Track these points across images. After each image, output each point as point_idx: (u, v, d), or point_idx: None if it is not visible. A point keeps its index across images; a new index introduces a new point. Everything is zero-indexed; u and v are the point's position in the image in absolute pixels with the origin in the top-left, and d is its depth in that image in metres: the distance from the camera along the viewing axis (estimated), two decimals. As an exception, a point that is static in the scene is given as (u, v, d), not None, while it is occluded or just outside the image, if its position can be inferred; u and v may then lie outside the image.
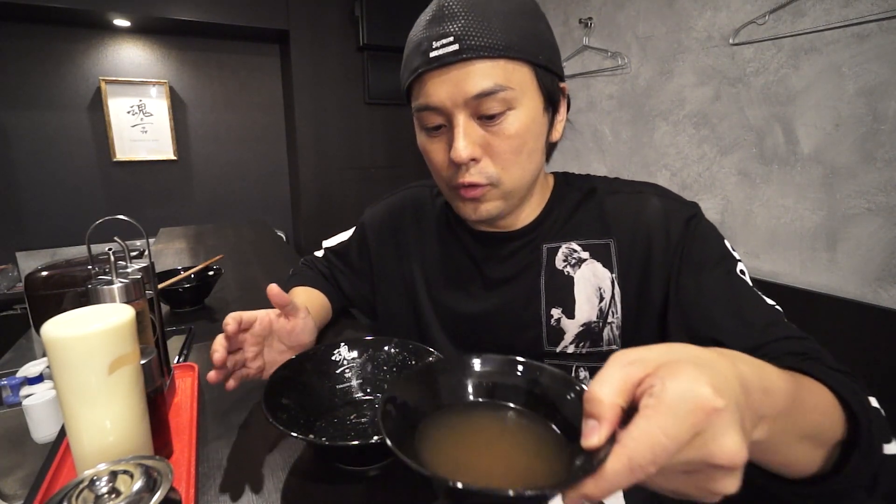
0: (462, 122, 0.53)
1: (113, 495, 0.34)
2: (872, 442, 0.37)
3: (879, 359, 1.16)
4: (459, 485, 0.24)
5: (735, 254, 0.57)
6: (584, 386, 0.33)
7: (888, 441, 0.40)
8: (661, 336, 0.58)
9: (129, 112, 2.70)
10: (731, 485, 0.26)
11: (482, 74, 0.51)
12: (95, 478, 0.35)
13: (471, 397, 0.38)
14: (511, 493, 0.24)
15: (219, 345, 0.57)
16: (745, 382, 0.28)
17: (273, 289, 0.61)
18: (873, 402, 0.42)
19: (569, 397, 0.34)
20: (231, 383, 0.59)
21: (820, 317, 1.28)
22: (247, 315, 0.60)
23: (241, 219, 2.99)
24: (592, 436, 0.26)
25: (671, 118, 1.72)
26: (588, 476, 0.25)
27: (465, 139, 0.53)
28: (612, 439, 0.26)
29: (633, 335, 0.60)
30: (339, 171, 2.96)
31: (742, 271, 0.55)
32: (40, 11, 2.29)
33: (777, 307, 0.53)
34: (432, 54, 0.52)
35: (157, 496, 0.34)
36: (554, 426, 0.34)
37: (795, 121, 1.36)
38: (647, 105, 1.81)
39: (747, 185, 1.50)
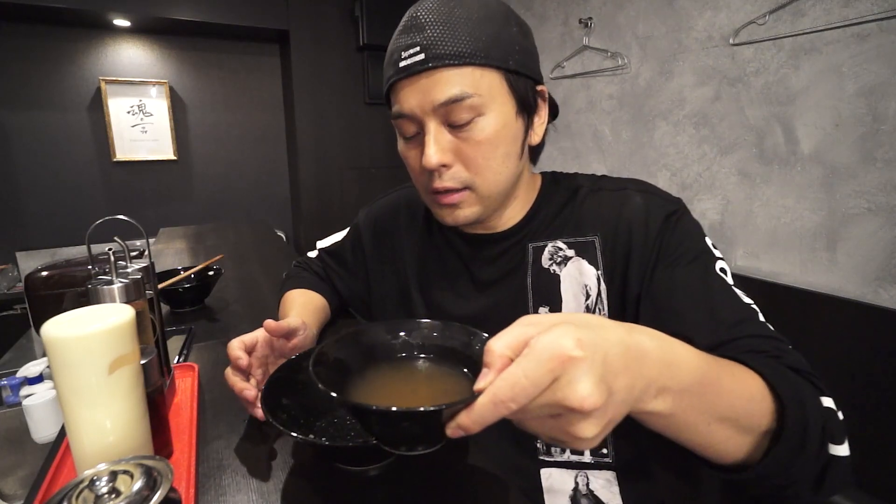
0: (432, 129, 0.54)
1: (113, 495, 0.34)
2: (805, 436, 0.38)
3: (879, 359, 1.16)
4: (374, 407, 0.30)
5: (716, 251, 0.56)
6: (485, 337, 0.38)
7: (839, 442, 0.40)
8: None
9: (129, 112, 2.70)
10: (587, 429, 0.29)
11: (448, 82, 0.52)
12: (95, 478, 0.35)
13: (397, 354, 0.43)
14: (395, 409, 0.29)
15: (240, 383, 0.56)
16: (637, 350, 0.32)
17: (270, 325, 0.61)
18: (827, 402, 0.42)
19: (476, 348, 0.39)
20: (260, 413, 0.56)
21: (820, 317, 1.28)
22: (248, 339, 0.60)
23: (241, 219, 3.00)
24: (481, 380, 0.30)
25: (671, 118, 1.72)
26: (463, 407, 0.29)
27: (435, 146, 0.54)
28: None
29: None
30: (339, 171, 2.96)
31: (722, 269, 0.55)
32: (40, 11, 2.29)
33: (753, 306, 0.52)
34: (401, 64, 0.53)
35: (157, 496, 0.34)
36: (468, 373, 0.39)
37: (795, 121, 1.36)
38: (647, 105, 1.81)
39: (747, 185, 1.50)
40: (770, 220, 1.44)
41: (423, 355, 0.42)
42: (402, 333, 0.43)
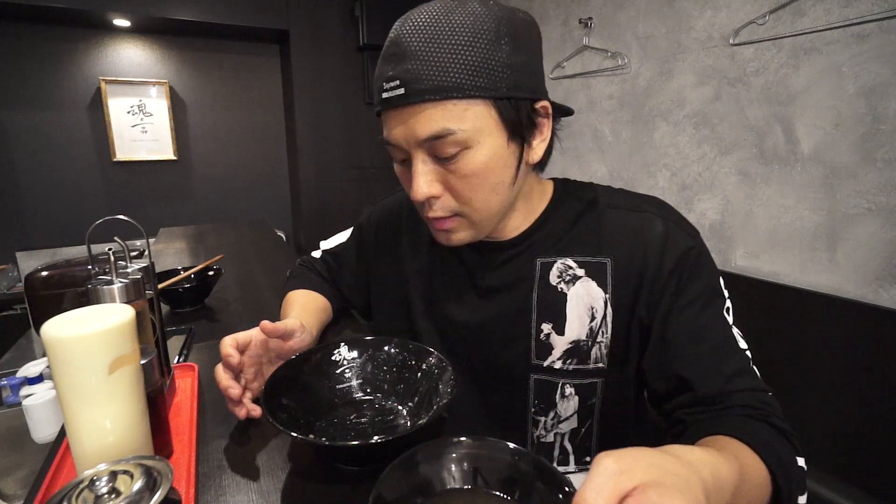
0: (419, 161, 0.53)
1: (113, 495, 0.34)
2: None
3: (879, 359, 1.16)
4: None
5: (725, 292, 0.57)
6: (573, 487, 0.36)
7: (801, 493, 0.46)
8: (638, 358, 0.60)
9: (129, 112, 2.70)
10: None
11: (429, 119, 0.50)
12: (95, 478, 0.35)
13: (455, 484, 0.42)
14: None
15: (226, 380, 0.56)
16: (707, 492, 0.32)
17: (266, 325, 0.60)
18: (801, 462, 0.47)
19: (560, 496, 0.37)
20: (242, 412, 0.57)
21: (820, 317, 1.28)
22: (241, 337, 0.60)
23: (241, 219, 2.99)
24: None
25: (671, 118, 1.72)
26: None
27: (422, 178, 0.53)
28: None
29: (620, 356, 0.60)
30: (339, 171, 2.96)
31: (728, 309, 0.56)
32: (40, 11, 2.29)
33: (747, 352, 0.55)
34: (384, 95, 0.51)
35: (157, 496, 0.34)
36: None
37: (795, 121, 1.36)
38: (647, 105, 1.81)
39: (747, 185, 1.50)
40: (770, 220, 1.44)
41: (475, 485, 0.42)
42: (451, 457, 0.43)
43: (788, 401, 1.34)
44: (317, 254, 0.90)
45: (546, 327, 0.61)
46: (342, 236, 0.86)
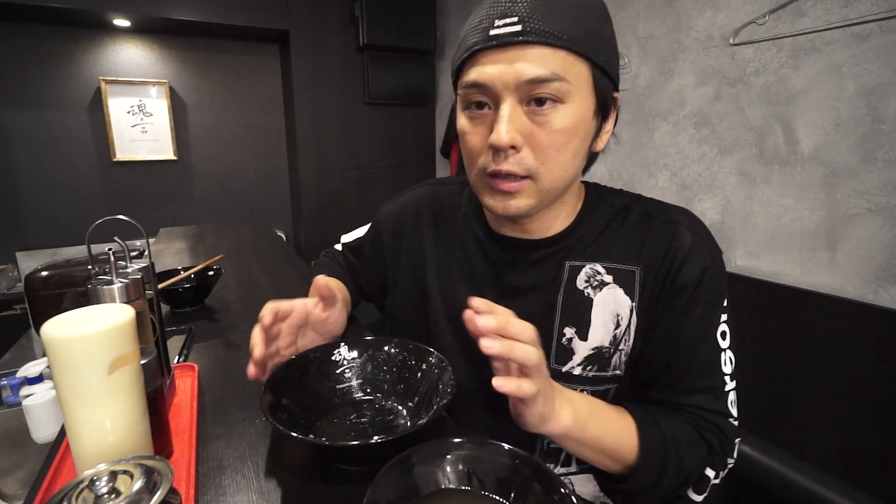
0: (509, 106, 0.51)
1: (113, 495, 0.34)
2: (659, 481, 0.53)
3: (879, 359, 1.16)
4: None
5: (724, 315, 0.59)
6: (568, 489, 0.38)
7: (699, 493, 0.56)
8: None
9: (129, 112, 2.70)
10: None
11: (540, 60, 0.49)
12: (95, 478, 0.35)
13: (450, 485, 0.42)
14: None
15: (257, 339, 0.58)
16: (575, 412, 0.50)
17: (321, 280, 0.66)
18: (709, 472, 0.55)
19: (555, 498, 0.38)
20: (252, 371, 0.58)
21: (820, 317, 1.28)
22: (283, 306, 0.61)
23: (241, 219, 2.99)
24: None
25: (671, 118, 1.72)
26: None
27: (509, 124, 0.50)
28: None
29: (637, 363, 0.60)
30: (339, 171, 2.96)
31: (723, 332, 0.58)
32: (40, 11, 2.29)
33: (727, 377, 0.58)
34: (492, 32, 0.50)
35: (157, 496, 0.34)
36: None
37: (795, 121, 1.36)
38: (647, 105, 1.81)
39: (747, 185, 1.50)
40: (770, 220, 1.44)
41: (469, 486, 0.42)
42: (447, 458, 0.43)
43: (788, 401, 1.34)
44: (338, 247, 0.92)
45: (569, 331, 0.61)
46: (361, 231, 0.87)
